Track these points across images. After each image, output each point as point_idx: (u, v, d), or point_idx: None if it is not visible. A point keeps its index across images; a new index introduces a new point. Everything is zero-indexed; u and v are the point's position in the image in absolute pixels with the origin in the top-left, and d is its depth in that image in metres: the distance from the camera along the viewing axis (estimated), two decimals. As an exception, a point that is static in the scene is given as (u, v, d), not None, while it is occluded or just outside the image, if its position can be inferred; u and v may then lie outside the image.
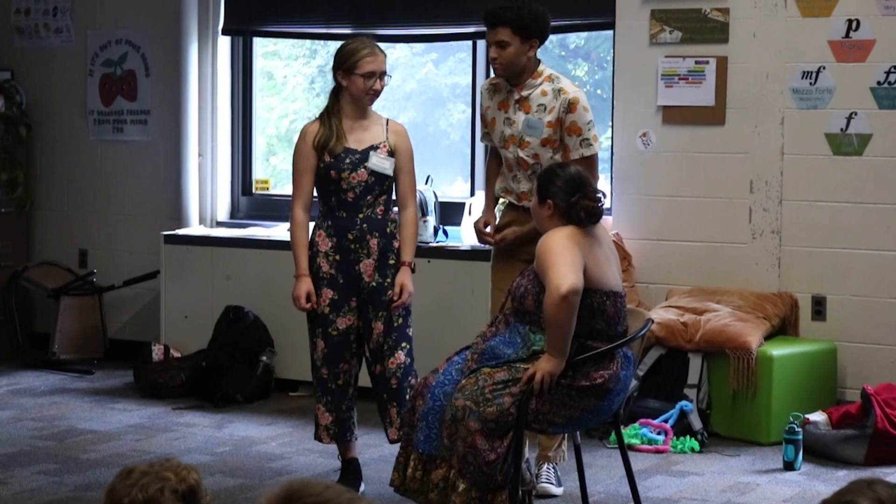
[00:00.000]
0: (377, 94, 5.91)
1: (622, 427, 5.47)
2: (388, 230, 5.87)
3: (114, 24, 8.80)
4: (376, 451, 6.56)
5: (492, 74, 8.05)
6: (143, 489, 2.86)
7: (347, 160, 5.83)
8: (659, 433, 6.70)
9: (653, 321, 5.49)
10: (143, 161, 8.74)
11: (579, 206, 5.15)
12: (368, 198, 5.84)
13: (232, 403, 7.55)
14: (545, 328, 5.01)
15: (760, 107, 7.19)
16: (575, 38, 8.26)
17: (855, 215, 7.05)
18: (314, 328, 5.89)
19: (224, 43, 8.61)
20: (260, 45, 8.81)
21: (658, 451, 6.61)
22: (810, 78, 7.09)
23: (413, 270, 5.89)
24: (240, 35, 8.64)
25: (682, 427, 6.72)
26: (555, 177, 5.23)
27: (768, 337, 6.94)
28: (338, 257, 5.85)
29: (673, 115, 7.39)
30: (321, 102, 8.99)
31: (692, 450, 6.63)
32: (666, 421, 6.74)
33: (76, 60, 8.96)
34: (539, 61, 6.00)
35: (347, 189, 5.84)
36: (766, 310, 7.06)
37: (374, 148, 5.86)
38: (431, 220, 7.56)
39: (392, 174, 5.88)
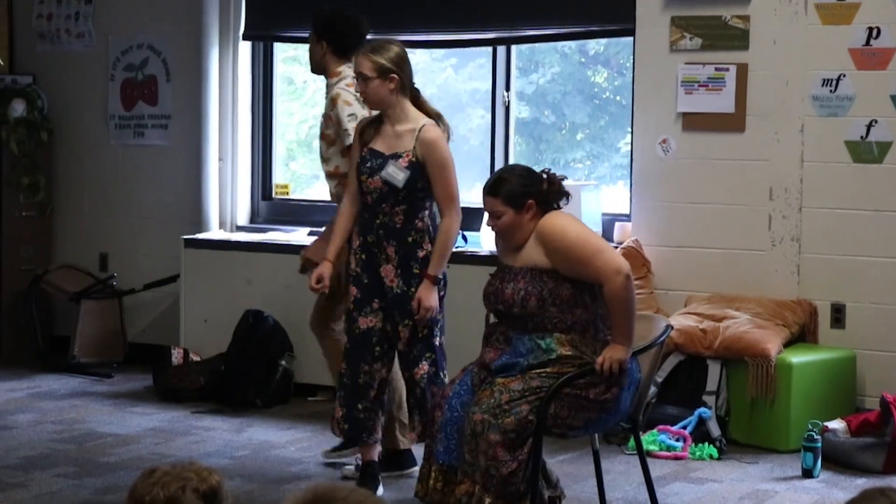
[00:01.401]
0: (362, 96, 5.81)
1: (640, 433, 5.48)
2: (408, 240, 5.75)
3: (135, 29, 8.84)
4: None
5: (510, 81, 8.10)
6: (165, 487, 2.89)
7: (368, 164, 5.77)
8: (677, 440, 6.70)
9: (672, 327, 5.50)
10: (164, 165, 8.78)
11: (555, 186, 5.21)
12: (384, 206, 5.74)
13: (251, 408, 7.57)
14: (614, 315, 5.00)
15: (780, 114, 7.20)
16: (595, 45, 8.27)
17: (875, 223, 7.04)
18: (348, 324, 5.91)
19: (245, 48, 8.65)
20: (280, 50, 8.84)
21: (676, 458, 6.61)
22: (830, 85, 7.09)
23: (435, 283, 5.76)
24: (260, 40, 8.67)
25: (700, 434, 6.73)
26: (515, 178, 5.24)
27: (787, 344, 6.93)
28: (364, 257, 5.82)
29: (693, 122, 7.39)
30: (341, 108, 9.03)
31: (710, 457, 6.63)
32: (684, 427, 6.74)
33: (98, 65, 9.00)
34: (341, 62, 6.37)
35: (366, 192, 5.78)
36: (785, 317, 7.06)
37: (397, 157, 5.73)
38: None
39: (404, 187, 5.69)
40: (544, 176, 5.24)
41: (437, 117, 5.84)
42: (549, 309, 5.05)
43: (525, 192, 5.16)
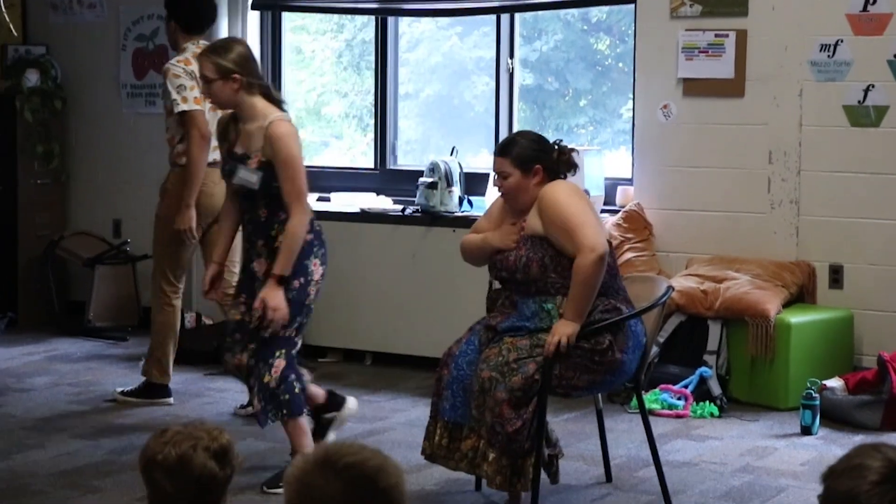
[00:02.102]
0: (206, 97, 5.65)
1: (643, 392, 5.48)
2: (272, 233, 5.46)
3: (146, -1, 8.83)
4: (403, 415, 6.61)
5: (513, 48, 8.08)
6: (177, 446, 2.92)
7: (227, 166, 5.57)
8: (679, 398, 6.71)
9: (673, 289, 5.50)
10: (175, 133, 8.76)
11: (564, 156, 5.20)
12: (246, 204, 5.53)
13: (262, 369, 7.57)
14: (574, 288, 4.96)
15: (779, 79, 7.17)
16: (597, 12, 8.24)
17: (872, 185, 7.03)
18: None
19: (253, 18, 8.61)
20: (288, 19, 8.82)
21: (678, 416, 6.62)
22: (828, 51, 7.07)
23: (280, 283, 5.35)
24: (269, 10, 8.64)
25: (701, 392, 6.74)
26: (526, 142, 5.21)
27: (786, 304, 6.93)
28: (245, 253, 5.64)
29: (693, 88, 7.37)
30: (348, 76, 9.04)
31: (711, 415, 6.65)
32: (686, 386, 6.75)
33: (109, 35, 8.98)
34: (188, 38, 6.75)
35: (233, 191, 5.63)
36: (784, 278, 7.06)
37: (246, 158, 5.47)
38: (457, 190, 7.57)
39: (259, 188, 5.42)
40: (556, 146, 5.23)
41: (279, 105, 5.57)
42: (551, 275, 5.05)
43: (535, 157, 5.14)
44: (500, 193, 5.29)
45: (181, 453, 2.92)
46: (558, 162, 5.20)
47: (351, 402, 5.93)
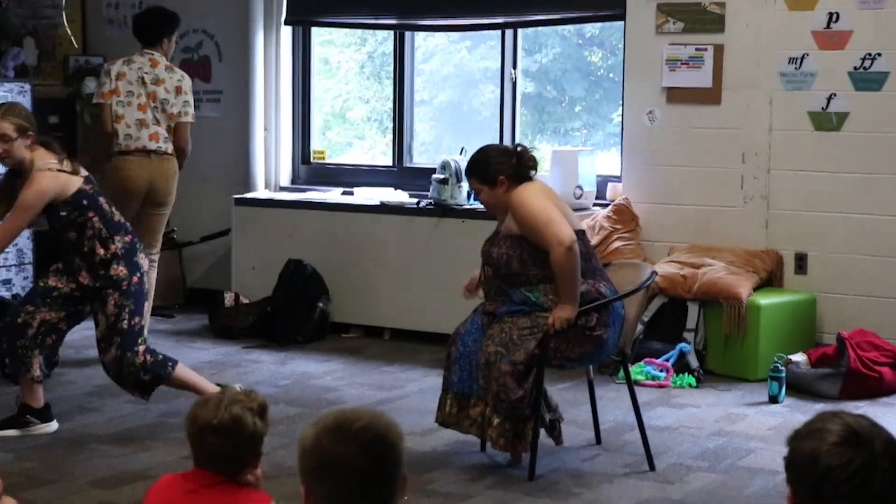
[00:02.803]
0: (4, 156, 5.58)
1: (629, 365, 5.53)
2: (84, 249, 5.56)
3: (191, 15, 8.81)
4: (417, 384, 6.65)
5: (516, 60, 8.11)
6: (227, 409, 2.94)
7: None
8: (661, 371, 6.74)
9: (656, 274, 5.53)
10: (217, 134, 8.80)
11: (524, 160, 5.17)
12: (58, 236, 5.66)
13: (293, 343, 7.61)
14: (557, 280, 5.02)
15: (752, 88, 7.20)
16: (590, 28, 8.27)
17: (833, 183, 7.06)
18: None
19: (286, 32, 8.66)
20: (317, 34, 8.84)
21: (660, 387, 6.65)
22: (796, 63, 7.10)
23: None
24: (300, 25, 8.68)
25: (681, 365, 6.76)
26: (486, 158, 5.21)
27: (757, 288, 6.95)
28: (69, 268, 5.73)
29: (675, 96, 7.40)
30: (370, 84, 9.07)
31: (690, 385, 6.67)
32: (667, 360, 6.78)
33: (158, 47, 9.00)
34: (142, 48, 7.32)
35: None
36: (755, 265, 7.09)
37: None
38: (465, 185, 7.60)
39: (52, 226, 5.59)
40: (518, 150, 5.23)
41: (62, 158, 5.58)
42: (531, 268, 5.08)
43: (496, 170, 5.13)
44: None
45: (233, 415, 2.93)
46: (519, 166, 5.18)
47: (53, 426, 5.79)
